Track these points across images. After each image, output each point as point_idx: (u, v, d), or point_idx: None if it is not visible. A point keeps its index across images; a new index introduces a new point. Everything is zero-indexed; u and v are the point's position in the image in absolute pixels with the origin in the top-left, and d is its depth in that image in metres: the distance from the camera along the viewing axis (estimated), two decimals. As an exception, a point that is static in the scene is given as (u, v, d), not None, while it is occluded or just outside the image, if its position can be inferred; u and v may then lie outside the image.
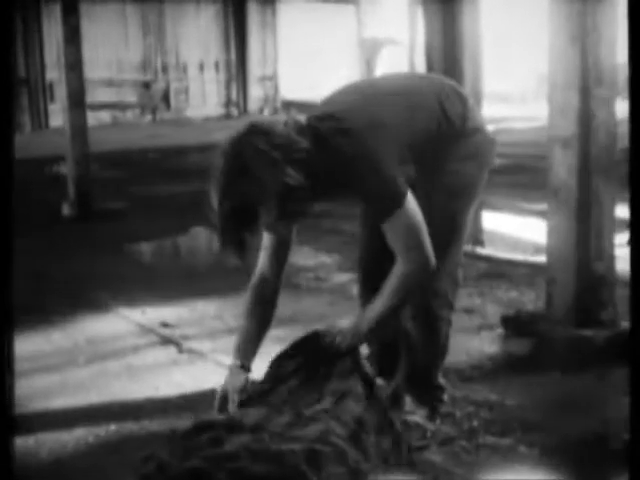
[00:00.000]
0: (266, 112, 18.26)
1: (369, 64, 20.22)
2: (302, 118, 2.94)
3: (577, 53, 3.88)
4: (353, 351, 3.02)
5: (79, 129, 7.92)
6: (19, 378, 4.01)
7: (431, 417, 3.32)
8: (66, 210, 7.84)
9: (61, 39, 7.86)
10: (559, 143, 4.03)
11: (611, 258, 4.09)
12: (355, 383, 2.84)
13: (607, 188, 4.01)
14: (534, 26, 13.51)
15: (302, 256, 6.24)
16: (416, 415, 3.30)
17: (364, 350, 3.32)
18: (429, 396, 3.35)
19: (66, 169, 8.18)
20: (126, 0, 16.41)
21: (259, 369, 4.03)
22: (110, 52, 16.26)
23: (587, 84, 3.89)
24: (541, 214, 7.18)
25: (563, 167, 4.03)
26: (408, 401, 3.34)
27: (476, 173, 3.15)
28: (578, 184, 3.99)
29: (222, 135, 2.94)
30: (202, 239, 7.30)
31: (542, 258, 5.93)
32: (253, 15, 18.26)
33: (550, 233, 4.17)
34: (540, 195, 7.24)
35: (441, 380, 3.40)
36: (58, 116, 14.57)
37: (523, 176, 9.51)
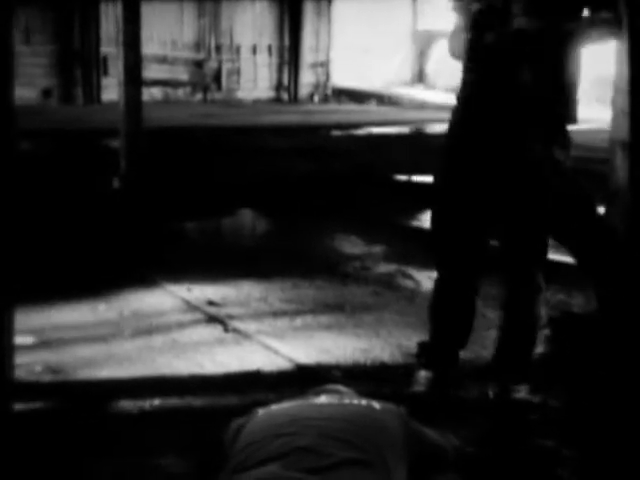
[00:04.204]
0: (316, 98, 18.21)
1: (422, 56, 20.10)
2: None
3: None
4: None
5: (133, 104, 7.94)
6: (64, 346, 4.09)
7: (534, 391, 3.45)
8: (116, 184, 7.88)
9: (121, 17, 7.89)
10: (620, 145, 3.98)
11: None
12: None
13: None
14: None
15: (350, 245, 6.23)
16: (522, 391, 3.42)
17: None
18: (528, 372, 3.49)
19: (118, 143, 8.22)
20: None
21: (301, 348, 4.05)
22: (165, 31, 16.29)
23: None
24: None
25: (623, 169, 3.97)
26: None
27: None
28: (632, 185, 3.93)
29: (271, 118, 2.95)
30: (248, 221, 7.32)
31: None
32: (308, 2, 18.21)
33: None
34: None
35: None
36: (110, 90, 14.68)
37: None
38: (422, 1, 19.78)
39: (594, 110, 4.64)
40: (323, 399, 2.68)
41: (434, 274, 3.69)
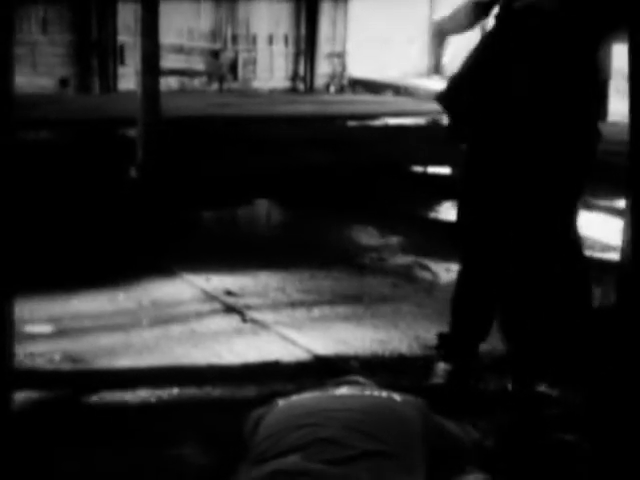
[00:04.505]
0: (332, 89, 18.16)
1: (437, 49, 20.02)
2: None
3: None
4: None
5: (151, 94, 7.94)
6: (83, 335, 4.10)
7: (552, 385, 3.45)
8: (133, 173, 7.89)
9: (139, 6, 7.89)
10: None
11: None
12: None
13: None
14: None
15: (367, 236, 6.22)
16: (541, 385, 3.44)
17: None
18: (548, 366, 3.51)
19: (135, 132, 8.22)
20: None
21: (319, 339, 4.05)
22: (182, 20, 16.27)
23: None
24: (609, 210, 7.08)
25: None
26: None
27: None
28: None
29: (287, 108, 2.96)
30: (265, 211, 7.31)
31: (609, 255, 5.85)
32: (325, -8, 18.19)
33: (626, 230, 4.07)
34: (609, 191, 7.15)
35: None
36: (127, 79, 14.69)
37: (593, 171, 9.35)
38: (439, -7, 19.69)
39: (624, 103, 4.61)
40: (343, 390, 2.68)
41: (452, 266, 3.69)
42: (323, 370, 3.69)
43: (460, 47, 4.10)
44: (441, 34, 3.50)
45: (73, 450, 3.03)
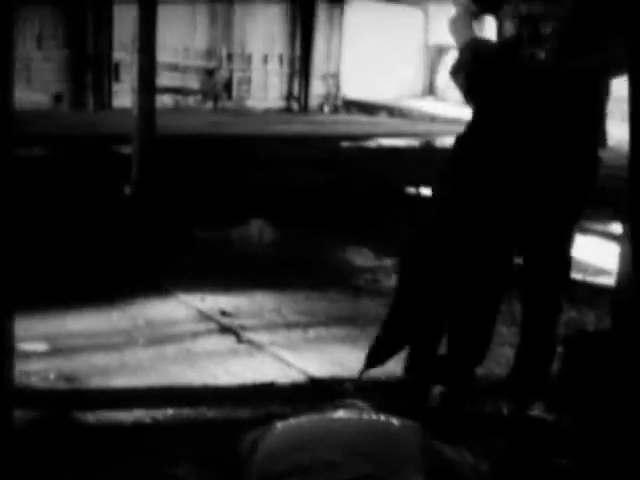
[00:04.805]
0: (326, 109, 18.25)
1: (432, 69, 20.14)
2: None
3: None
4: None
5: (147, 112, 7.95)
6: (78, 354, 4.09)
7: (549, 409, 3.49)
8: (128, 190, 7.89)
9: (137, 23, 7.91)
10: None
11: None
12: None
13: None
14: None
15: (361, 257, 6.23)
16: (537, 409, 3.47)
17: None
18: (544, 390, 3.53)
19: (130, 150, 8.23)
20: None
21: (314, 361, 4.05)
22: (177, 38, 16.34)
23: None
24: (603, 234, 7.12)
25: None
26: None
27: None
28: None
29: (282, 127, 2.96)
30: (259, 230, 7.31)
31: (602, 280, 5.88)
32: (320, 12, 18.27)
33: (622, 257, 4.08)
34: (603, 215, 7.18)
35: None
36: (122, 96, 14.72)
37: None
38: (433, 15, 19.80)
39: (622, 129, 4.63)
40: (341, 414, 2.68)
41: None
42: (318, 392, 3.70)
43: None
44: (458, 71, 3.52)
45: (65, 468, 3.02)
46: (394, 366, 4.10)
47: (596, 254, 6.44)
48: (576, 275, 5.98)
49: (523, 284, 3.59)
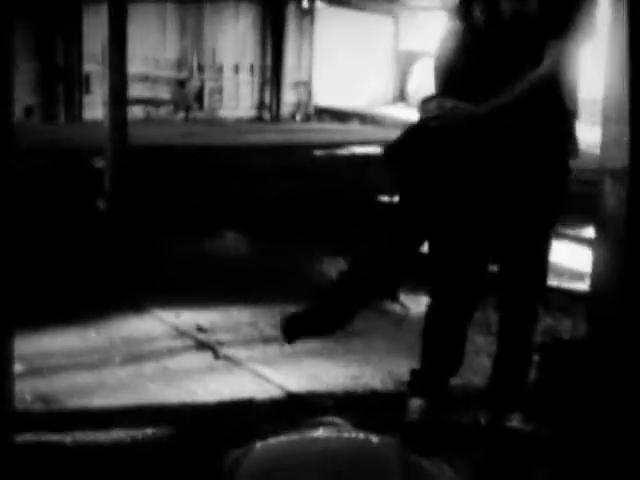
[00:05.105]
0: (298, 117, 18.27)
1: (403, 76, 20.19)
2: None
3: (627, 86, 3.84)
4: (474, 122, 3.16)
5: (118, 124, 7.93)
6: (54, 374, 4.06)
7: (527, 420, 3.48)
8: (102, 204, 7.85)
9: (106, 36, 7.88)
10: (610, 174, 4.00)
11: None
12: None
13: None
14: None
15: (335, 268, 6.22)
16: (514, 420, 3.48)
17: None
18: (521, 400, 3.53)
19: (102, 163, 8.19)
20: (166, 1, 16.49)
21: (292, 376, 4.04)
22: (147, 49, 16.32)
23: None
24: (577, 239, 7.17)
25: (612, 198, 3.99)
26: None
27: None
28: (627, 216, 3.95)
29: (254, 137, 2.96)
30: (234, 242, 7.30)
31: (577, 285, 5.92)
32: (291, 21, 18.31)
33: (596, 263, 4.12)
34: (575, 219, 7.23)
35: None
36: (93, 108, 14.64)
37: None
38: (403, 22, 19.90)
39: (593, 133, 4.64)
40: (320, 432, 2.68)
41: (422, 299, 3.71)
42: (297, 408, 3.70)
43: (424, 76, 4.15)
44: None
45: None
46: (372, 379, 4.13)
47: (570, 259, 6.49)
48: (552, 281, 6.03)
49: (499, 292, 3.60)
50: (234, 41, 17.60)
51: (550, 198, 3.42)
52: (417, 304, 5.15)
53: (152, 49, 16.58)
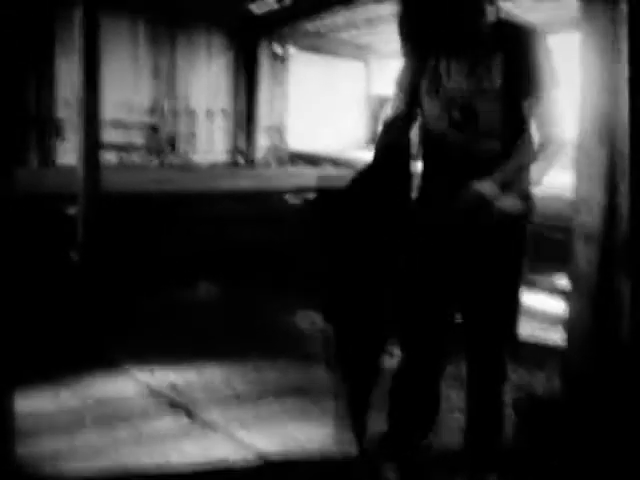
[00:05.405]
0: (272, 162, 18.32)
1: (375, 119, 20.37)
2: None
3: (605, 149, 3.88)
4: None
5: (92, 171, 7.91)
6: (25, 438, 4.00)
7: (502, 477, 3.51)
8: (74, 256, 7.80)
9: (80, 83, 7.89)
10: (582, 237, 4.02)
11: (631, 350, 4.06)
12: None
13: (627, 281, 4.00)
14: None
15: (309, 321, 6.23)
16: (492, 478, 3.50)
17: None
18: (496, 459, 3.53)
19: (75, 211, 8.14)
20: (139, 46, 16.54)
21: (267, 438, 4.00)
22: (120, 94, 16.33)
23: (613, 179, 3.90)
24: (549, 288, 7.20)
25: (584, 260, 4.02)
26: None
27: None
28: (598, 277, 3.98)
29: (228, 183, 2.95)
30: (208, 295, 7.28)
31: (550, 335, 5.94)
32: (264, 66, 18.42)
33: (570, 319, 4.14)
34: (549, 267, 7.27)
35: None
36: (65, 153, 14.61)
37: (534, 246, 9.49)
38: (374, 67, 20.09)
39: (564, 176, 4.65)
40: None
41: (396, 352, 3.66)
42: (272, 471, 3.67)
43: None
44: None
45: None
46: (348, 442, 4.10)
47: (543, 309, 6.51)
48: (525, 330, 6.05)
49: (465, 346, 3.54)
50: (207, 85, 17.67)
51: (509, 255, 3.39)
52: (391, 356, 5.13)
53: (125, 94, 16.60)
